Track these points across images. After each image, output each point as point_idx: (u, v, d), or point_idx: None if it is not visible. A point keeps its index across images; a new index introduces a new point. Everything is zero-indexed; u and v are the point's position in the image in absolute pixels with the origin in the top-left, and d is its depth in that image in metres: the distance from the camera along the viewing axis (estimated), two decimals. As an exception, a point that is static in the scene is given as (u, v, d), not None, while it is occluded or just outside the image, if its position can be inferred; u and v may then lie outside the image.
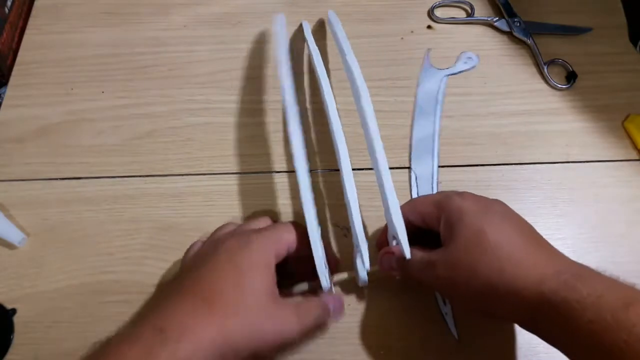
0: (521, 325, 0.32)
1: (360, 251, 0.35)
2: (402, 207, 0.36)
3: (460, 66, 0.49)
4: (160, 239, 0.42)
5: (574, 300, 0.27)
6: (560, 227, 0.42)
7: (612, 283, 0.28)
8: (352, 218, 0.35)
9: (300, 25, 0.51)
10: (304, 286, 0.37)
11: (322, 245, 0.35)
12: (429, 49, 0.50)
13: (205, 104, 0.48)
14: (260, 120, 0.47)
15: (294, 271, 0.37)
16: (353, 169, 0.36)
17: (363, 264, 0.36)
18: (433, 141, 0.45)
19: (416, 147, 0.45)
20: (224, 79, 0.49)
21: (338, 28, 0.45)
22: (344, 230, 0.42)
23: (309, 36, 0.47)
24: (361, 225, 0.35)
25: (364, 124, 0.37)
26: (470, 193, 0.35)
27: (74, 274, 0.40)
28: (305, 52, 0.50)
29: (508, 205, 0.34)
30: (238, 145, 0.46)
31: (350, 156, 0.36)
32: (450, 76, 0.49)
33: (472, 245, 0.31)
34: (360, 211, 0.35)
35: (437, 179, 0.44)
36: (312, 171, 0.43)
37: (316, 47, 0.44)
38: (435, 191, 0.43)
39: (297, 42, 0.51)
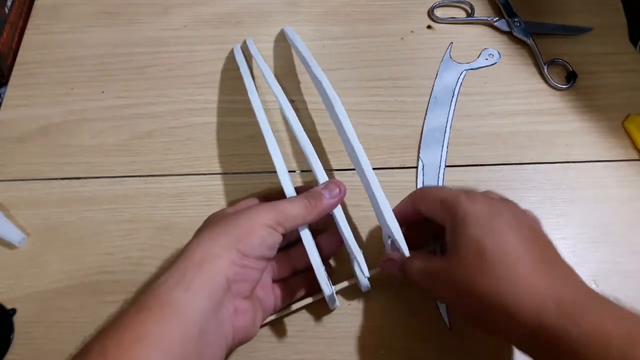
0: (517, 347, 0.30)
1: (356, 259, 0.35)
2: (408, 197, 0.36)
3: (482, 62, 0.49)
4: (160, 239, 0.42)
5: (578, 333, 0.26)
6: (560, 227, 0.42)
7: (618, 314, 0.27)
8: (343, 233, 0.36)
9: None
10: (308, 300, 0.37)
11: (318, 253, 0.35)
12: (451, 43, 0.50)
13: (205, 104, 0.48)
14: (260, 120, 0.47)
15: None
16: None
17: (362, 273, 0.36)
18: (444, 132, 0.45)
19: (426, 136, 0.45)
20: (224, 79, 0.49)
21: (298, 42, 0.45)
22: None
23: (256, 54, 0.46)
24: (353, 239, 0.35)
25: (340, 129, 0.37)
26: (481, 195, 0.33)
27: (74, 274, 0.40)
28: (296, 59, 0.50)
29: (520, 209, 0.33)
30: (238, 145, 0.46)
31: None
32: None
33: (471, 259, 0.30)
34: (353, 225, 0.36)
35: (444, 170, 0.44)
36: (304, 171, 0.43)
37: (265, 64, 0.44)
38: (441, 182, 0.43)
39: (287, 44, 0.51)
